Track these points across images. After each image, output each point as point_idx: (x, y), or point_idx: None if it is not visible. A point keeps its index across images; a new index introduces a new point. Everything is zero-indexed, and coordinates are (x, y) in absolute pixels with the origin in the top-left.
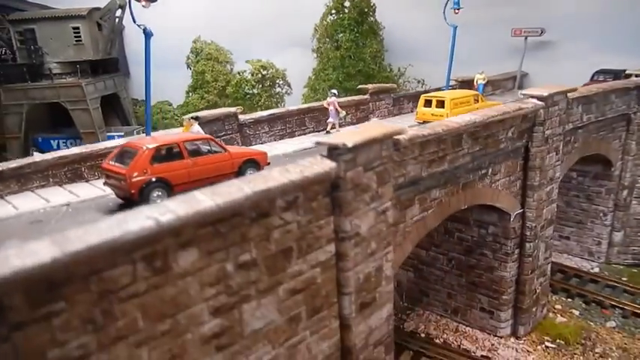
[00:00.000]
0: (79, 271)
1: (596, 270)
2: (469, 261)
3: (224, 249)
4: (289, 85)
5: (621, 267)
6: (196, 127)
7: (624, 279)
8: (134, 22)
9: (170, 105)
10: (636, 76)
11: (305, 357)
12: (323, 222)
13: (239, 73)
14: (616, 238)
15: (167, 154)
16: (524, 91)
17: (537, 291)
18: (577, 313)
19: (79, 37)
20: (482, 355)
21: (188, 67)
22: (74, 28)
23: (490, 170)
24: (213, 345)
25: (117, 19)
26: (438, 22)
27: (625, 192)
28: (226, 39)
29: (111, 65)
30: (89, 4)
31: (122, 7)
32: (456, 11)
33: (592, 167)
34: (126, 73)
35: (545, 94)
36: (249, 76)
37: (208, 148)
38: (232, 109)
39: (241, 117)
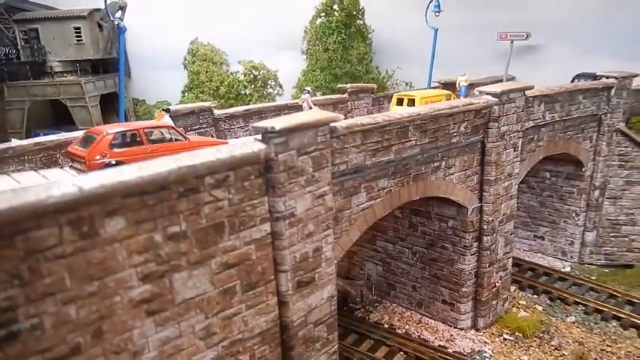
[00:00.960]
0: (5, 229)
1: (568, 269)
2: (431, 254)
3: (152, 220)
4: (281, 86)
5: (593, 267)
6: (166, 118)
7: (593, 278)
8: (109, 17)
9: (169, 104)
10: (607, 77)
11: (241, 329)
12: (257, 201)
13: (232, 73)
14: (588, 238)
15: (127, 140)
16: (479, 88)
17: (497, 285)
18: (540, 308)
19: (80, 37)
20: (439, 345)
21: (185, 67)
22: (75, 29)
23: (444, 163)
24: (143, 309)
25: (116, 20)
26: (426, 25)
27: (596, 192)
28: (224, 41)
29: (111, 65)
30: (91, 5)
31: (122, 9)
32: (437, 14)
33: (564, 168)
34: (127, 73)
35: (499, 90)
36: (242, 77)
37: (170, 136)
38: (207, 104)
39: (216, 112)
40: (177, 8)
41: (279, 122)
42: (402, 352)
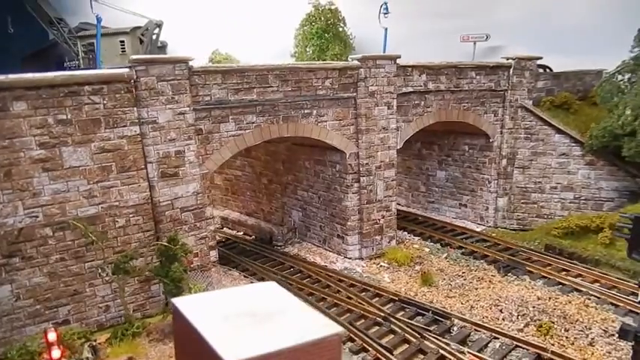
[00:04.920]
0: None
1: (479, 230)
2: (329, 196)
3: (46, 107)
4: None
5: (504, 230)
6: None
7: (493, 235)
8: (92, 11)
9: None
10: (507, 59)
11: (117, 199)
12: (127, 109)
13: None
14: (500, 203)
15: None
16: (351, 56)
17: (380, 222)
18: (427, 250)
19: (124, 48)
20: (322, 265)
21: None
22: (121, 42)
23: (315, 112)
24: (40, 166)
25: (154, 35)
26: (401, 32)
27: (504, 161)
28: (238, 50)
29: None
30: (134, 23)
31: (159, 26)
32: (386, 16)
33: (478, 140)
34: None
35: (360, 56)
36: None
37: None
38: None
39: None
40: (205, 26)
41: (140, 56)
42: (291, 268)
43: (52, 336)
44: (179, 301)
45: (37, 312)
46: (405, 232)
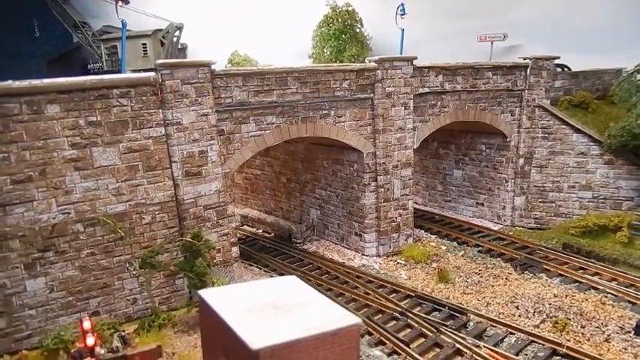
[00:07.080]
0: None
1: (496, 228)
2: (346, 194)
3: (77, 110)
4: None
5: (521, 229)
6: None
7: (510, 233)
8: (118, 16)
9: None
10: (524, 59)
11: (144, 196)
12: (153, 111)
13: None
14: (517, 202)
15: None
16: (368, 58)
17: (397, 220)
18: (444, 248)
19: (146, 50)
20: (340, 262)
21: None
22: (142, 44)
23: (333, 112)
24: (72, 165)
25: (175, 38)
26: (418, 32)
27: (521, 160)
28: (257, 50)
29: None
30: (156, 25)
31: (179, 29)
32: (402, 17)
33: (495, 140)
34: None
35: (377, 58)
36: None
37: None
38: None
39: None
40: (224, 28)
41: (165, 60)
42: (310, 265)
43: (87, 324)
44: (205, 293)
45: (69, 303)
46: (422, 231)
